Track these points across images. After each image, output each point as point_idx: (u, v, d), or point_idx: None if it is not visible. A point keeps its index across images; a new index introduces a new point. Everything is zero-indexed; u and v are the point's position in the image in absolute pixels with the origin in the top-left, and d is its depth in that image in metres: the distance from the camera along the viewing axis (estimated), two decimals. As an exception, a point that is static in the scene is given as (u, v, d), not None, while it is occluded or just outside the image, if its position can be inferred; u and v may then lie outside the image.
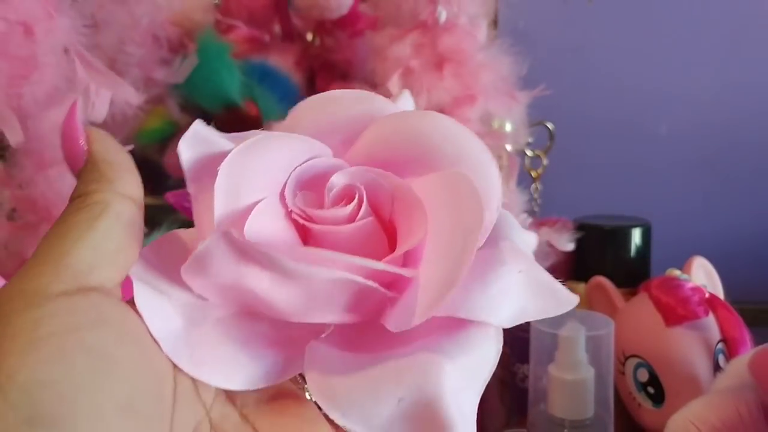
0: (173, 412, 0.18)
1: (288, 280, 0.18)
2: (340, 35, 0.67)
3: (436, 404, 0.17)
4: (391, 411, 0.17)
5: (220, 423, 0.20)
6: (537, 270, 0.20)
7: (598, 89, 0.88)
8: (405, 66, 0.56)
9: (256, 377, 0.19)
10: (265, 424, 0.20)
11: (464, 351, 0.18)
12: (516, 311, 0.19)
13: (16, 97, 0.35)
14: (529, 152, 0.67)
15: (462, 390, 0.18)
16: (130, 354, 0.17)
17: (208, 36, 0.58)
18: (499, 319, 0.19)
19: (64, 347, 0.16)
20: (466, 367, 0.18)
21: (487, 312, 0.18)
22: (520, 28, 0.64)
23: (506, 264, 0.20)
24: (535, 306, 0.19)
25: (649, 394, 0.50)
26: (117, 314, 0.18)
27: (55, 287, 0.17)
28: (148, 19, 0.50)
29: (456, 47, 0.56)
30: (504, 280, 0.19)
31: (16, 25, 0.34)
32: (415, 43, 0.56)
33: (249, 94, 0.58)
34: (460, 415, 0.18)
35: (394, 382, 0.18)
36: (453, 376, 0.18)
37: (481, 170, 0.21)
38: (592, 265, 0.60)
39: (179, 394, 0.19)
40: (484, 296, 0.19)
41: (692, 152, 0.88)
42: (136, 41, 0.50)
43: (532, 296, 0.20)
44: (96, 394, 0.16)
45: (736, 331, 0.50)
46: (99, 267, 0.18)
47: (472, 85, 0.56)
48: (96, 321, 0.17)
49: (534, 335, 0.47)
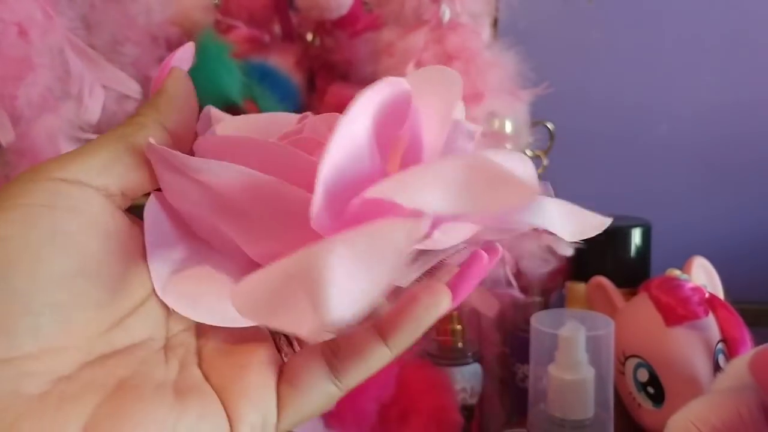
0: (131, 312, 0.20)
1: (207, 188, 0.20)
2: (340, 35, 0.67)
3: (313, 270, 0.16)
4: (278, 285, 0.17)
5: (174, 347, 0.21)
6: (492, 164, 0.18)
7: (598, 89, 0.88)
8: (417, 59, 0.56)
9: (227, 318, 0.21)
10: (214, 363, 0.21)
11: (364, 234, 0.17)
12: (444, 202, 0.17)
13: (9, 98, 0.35)
14: (529, 152, 0.67)
15: (354, 271, 0.16)
16: (93, 243, 0.20)
17: (208, 36, 0.58)
18: (417, 204, 0.17)
19: (30, 215, 0.19)
20: (364, 251, 0.16)
21: (411, 195, 0.17)
22: (521, 27, 0.64)
23: (450, 160, 0.18)
24: (466, 202, 0.17)
25: (649, 395, 0.50)
26: (103, 215, 0.20)
27: (58, 173, 0.20)
28: (144, 18, 0.50)
29: (462, 45, 0.57)
30: (436, 173, 0.17)
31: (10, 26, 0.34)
32: (424, 37, 0.56)
33: (249, 94, 0.58)
34: (341, 285, 0.16)
35: (291, 266, 0.17)
36: (342, 254, 0.16)
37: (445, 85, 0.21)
38: (592, 264, 0.60)
39: (146, 307, 0.21)
40: (403, 183, 0.17)
41: (692, 152, 0.88)
42: (132, 40, 0.50)
43: (479, 188, 0.17)
44: (42, 262, 0.18)
45: (736, 331, 0.50)
46: (108, 172, 0.20)
47: (480, 84, 0.56)
48: (73, 209, 0.19)
49: (534, 335, 0.47)
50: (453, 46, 0.57)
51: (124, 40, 0.49)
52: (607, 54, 0.88)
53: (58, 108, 0.39)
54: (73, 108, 0.40)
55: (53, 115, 0.38)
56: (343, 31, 0.67)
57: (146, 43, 0.52)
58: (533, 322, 0.47)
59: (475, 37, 0.58)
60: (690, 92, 0.88)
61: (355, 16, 0.66)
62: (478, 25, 0.59)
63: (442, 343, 0.56)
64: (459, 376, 0.55)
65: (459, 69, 0.56)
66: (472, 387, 0.56)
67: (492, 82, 0.57)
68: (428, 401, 0.51)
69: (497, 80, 0.58)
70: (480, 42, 0.58)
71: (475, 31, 0.58)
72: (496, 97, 0.57)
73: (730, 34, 0.87)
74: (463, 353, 0.56)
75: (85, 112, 0.40)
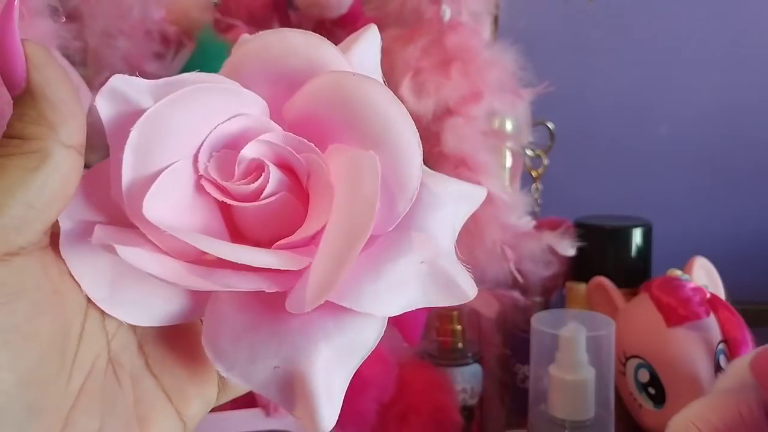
0: (77, 350, 0.19)
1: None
2: (339, 34, 0.67)
3: (305, 379, 0.19)
4: (267, 375, 0.19)
5: (119, 354, 0.21)
6: (443, 260, 0.20)
7: (598, 89, 0.88)
8: (414, 68, 0.56)
9: (162, 317, 0.21)
10: (158, 357, 0.21)
11: (343, 333, 0.19)
12: (405, 302, 0.20)
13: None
14: (529, 152, 0.67)
15: (334, 370, 0.19)
16: (41, 324, 0.18)
17: (207, 35, 0.58)
18: (383, 311, 0.19)
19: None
20: (343, 348, 0.19)
21: (372, 305, 0.19)
22: (521, 27, 0.64)
23: (407, 255, 0.20)
24: (426, 298, 0.20)
25: (649, 395, 0.50)
26: (35, 279, 0.18)
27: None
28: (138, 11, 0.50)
29: (462, 45, 0.57)
30: (398, 272, 0.20)
31: None
32: (422, 44, 0.56)
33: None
34: (327, 391, 0.19)
35: (273, 351, 0.19)
36: (326, 356, 0.19)
37: (404, 155, 0.20)
38: (593, 265, 0.60)
39: (87, 328, 0.20)
40: (371, 289, 0.19)
41: (693, 152, 0.88)
42: (125, 33, 0.49)
43: (428, 288, 0.20)
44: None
45: (737, 331, 0.50)
46: (30, 223, 0.18)
47: (479, 83, 0.56)
48: (12, 294, 0.17)
49: (534, 336, 0.47)
50: (453, 45, 0.57)
51: (116, 32, 0.48)
52: (608, 54, 0.88)
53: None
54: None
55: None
56: (342, 30, 0.67)
57: (139, 37, 0.51)
58: (534, 322, 0.46)
59: (475, 36, 0.58)
60: (691, 92, 0.88)
61: (355, 15, 0.66)
62: (478, 25, 0.59)
63: (442, 344, 0.56)
64: (459, 376, 0.55)
65: (458, 68, 0.56)
66: (473, 388, 0.56)
67: (492, 82, 0.57)
68: (428, 402, 0.51)
69: (497, 79, 0.58)
70: (480, 41, 0.58)
71: (476, 30, 0.58)
72: (496, 96, 0.57)
73: (732, 35, 0.87)
74: (464, 354, 0.56)
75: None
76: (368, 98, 0.20)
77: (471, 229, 0.57)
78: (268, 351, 0.19)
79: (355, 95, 0.20)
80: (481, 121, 0.57)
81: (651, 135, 0.89)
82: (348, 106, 0.20)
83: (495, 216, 0.58)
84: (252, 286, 0.19)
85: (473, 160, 0.57)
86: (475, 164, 0.57)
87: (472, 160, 0.57)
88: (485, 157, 0.58)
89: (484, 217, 0.57)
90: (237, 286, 0.19)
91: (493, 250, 0.58)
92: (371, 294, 0.19)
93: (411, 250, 0.20)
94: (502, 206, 0.58)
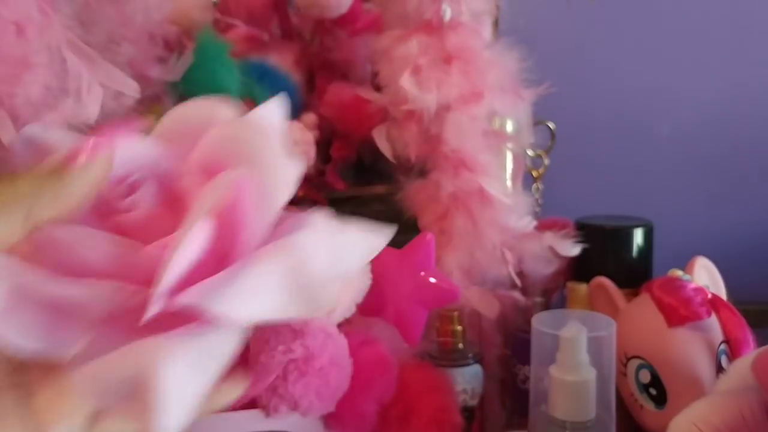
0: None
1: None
2: (339, 34, 0.67)
3: (150, 385, 0.19)
4: (117, 386, 0.20)
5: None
6: (306, 270, 0.22)
7: (600, 89, 0.88)
8: (413, 64, 0.56)
9: (35, 349, 0.21)
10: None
11: (197, 340, 0.20)
12: (260, 311, 0.21)
13: (8, 96, 0.35)
14: (530, 152, 0.67)
15: (186, 376, 0.19)
16: None
17: (206, 35, 0.58)
18: (238, 317, 0.20)
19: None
20: (196, 356, 0.20)
21: (227, 309, 0.20)
22: (522, 27, 0.64)
23: (268, 264, 0.21)
24: (284, 309, 0.21)
25: (651, 396, 0.50)
26: None
27: None
28: (142, 16, 0.50)
29: (463, 45, 0.56)
30: (256, 280, 0.21)
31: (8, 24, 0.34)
32: (421, 42, 0.56)
33: (248, 93, 0.58)
34: (176, 398, 0.19)
35: (122, 360, 0.20)
36: (177, 363, 0.19)
37: (273, 172, 0.24)
38: (594, 265, 0.60)
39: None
40: (227, 294, 0.20)
41: (694, 152, 0.88)
42: (129, 39, 0.49)
43: (286, 297, 0.21)
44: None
45: (738, 332, 0.49)
46: None
47: (479, 83, 0.56)
48: None
49: (535, 336, 0.46)
50: (453, 45, 0.57)
51: (120, 38, 0.48)
52: (609, 54, 0.88)
53: (57, 106, 0.39)
54: (71, 106, 0.40)
55: (52, 114, 0.38)
56: (342, 29, 0.67)
57: (143, 42, 0.51)
58: (534, 322, 0.46)
59: (476, 36, 0.58)
60: (692, 92, 0.88)
61: (354, 15, 0.66)
62: (479, 24, 0.58)
63: (442, 345, 0.56)
64: (459, 377, 0.55)
65: (459, 68, 0.56)
66: (473, 388, 0.56)
67: (492, 82, 0.57)
68: (428, 402, 0.51)
69: (498, 79, 0.58)
70: (481, 41, 0.58)
71: (476, 30, 0.58)
72: (497, 96, 0.57)
73: (733, 34, 0.87)
74: (464, 354, 0.56)
75: (83, 109, 0.40)
76: (243, 131, 0.26)
77: (471, 232, 0.57)
78: (119, 360, 0.20)
79: (236, 133, 0.26)
80: (482, 121, 0.57)
81: (652, 135, 0.88)
82: (231, 141, 0.26)
83: (495, 218, 0.57)
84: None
85: (473, 160, 0.57)
86: (475, 165, 0.57)
87: (472, 160, 0.57)
88: (485, 157, 0.57)
89: (483, 219, 0.57)
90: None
91: (493, 253, 0.58)
92: (225, 299, 0.20)
93: (272, 260, 0.21)
94: (501, 208, 0.58)
